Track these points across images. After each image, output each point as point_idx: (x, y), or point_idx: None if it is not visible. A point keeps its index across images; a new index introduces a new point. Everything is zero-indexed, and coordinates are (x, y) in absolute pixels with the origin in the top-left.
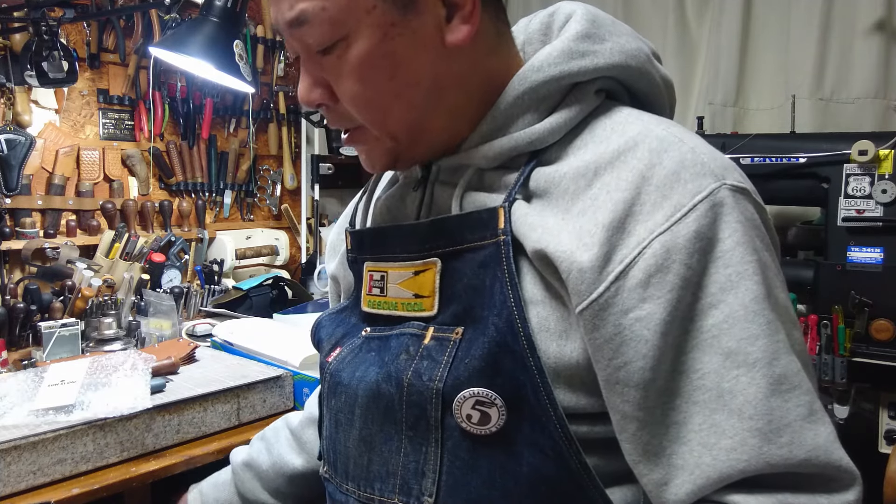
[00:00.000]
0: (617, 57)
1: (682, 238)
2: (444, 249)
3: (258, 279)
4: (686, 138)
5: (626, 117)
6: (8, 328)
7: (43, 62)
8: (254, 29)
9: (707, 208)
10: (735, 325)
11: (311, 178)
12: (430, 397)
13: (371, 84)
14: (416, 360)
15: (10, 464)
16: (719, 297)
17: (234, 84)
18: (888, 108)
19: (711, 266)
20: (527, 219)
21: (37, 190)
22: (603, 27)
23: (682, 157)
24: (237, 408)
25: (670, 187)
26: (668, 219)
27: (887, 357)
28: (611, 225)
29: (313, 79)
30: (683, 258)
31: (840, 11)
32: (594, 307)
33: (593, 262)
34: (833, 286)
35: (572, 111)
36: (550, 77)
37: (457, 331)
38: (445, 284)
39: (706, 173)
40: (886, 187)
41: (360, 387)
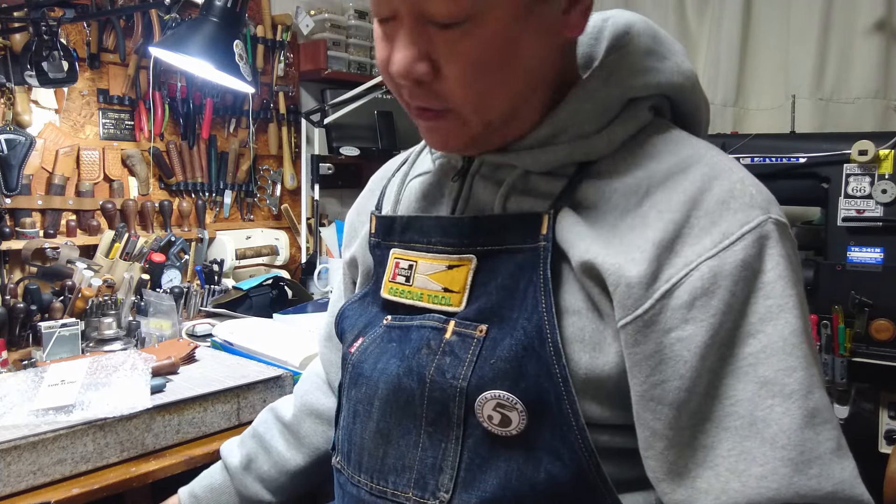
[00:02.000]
0: (675, 77)
1: (728, 265)
2: (482, 248)
3: (258, 279)
4: (734, 168)
5: (678, 137)
6: (8, 328)
7: (43, 62)
8: (254, 29)
9: (754, 239)
10: (773, 355)
11: (311, 178)
12: (453, 395)
13: (488, 67)
14: (438, 355)
15: (10, 464)
16: (759, 327)
17: (234, 84)
18: (888, 108)
19: (753, 296)
20: (574, 227)
21: (37, 190)
22: (664, 45)
23: (732, 186)
24: (237, 408)
25: (720, 214)
26: (715, 245)
27: (887, 357)
28: (660, 243)
29: (419, 52)
30: (729, 285)
31: (840, 11)
32: (638, 323)
33: (641, 277)
34: (833, 286)
35: (628, 126)
36: (614, 89)
37: (480, 328)
38: (477, 283)
39: (754, 205)
40: (886, 187)
41: (380, 379)
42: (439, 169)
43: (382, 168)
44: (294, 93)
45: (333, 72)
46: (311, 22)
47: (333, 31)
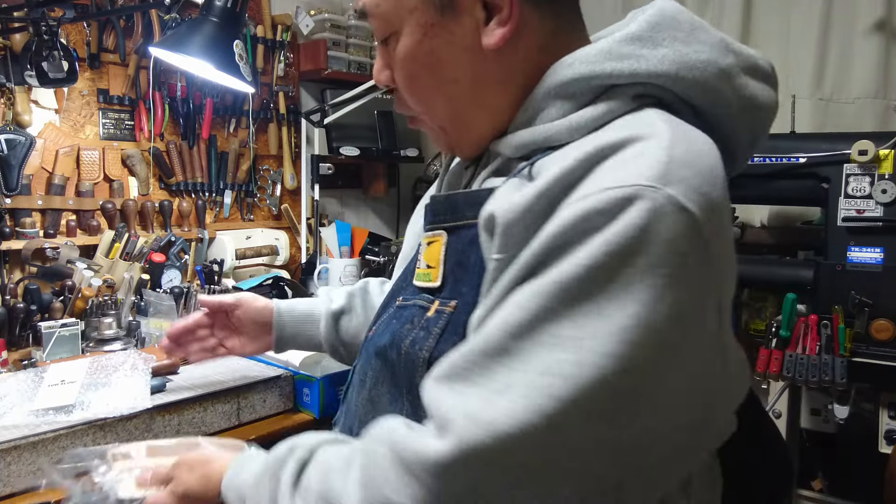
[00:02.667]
0: (666, 66)
1: (569, 211)
2: (448, 224)
3: (258, 279)
4: (680, 143)
5: (647, 112)
6: (8, 328)
7: (43, 62)
8: (254, 29)
9: (614, 197)
10: (527, 291)
11: (311, 178)
12: (418, 365)
13: (415, 77)
14: (416, 329)
15: (10, 464)
16: (548, 271)
17: (234, 84)
18: (888, 108)
19: (575, 246)
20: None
21: (37, 190)
22: (666, 31)
23: (648, 149)
24: (237, 408)
25: (612, 170)
26: (582, 196)
27: (887, 357)
28: (544, 190)
29: (383, 62)
30: (554, 228)
31: (840, 11)
32: (496, 262)
33: (516, 223)
34: (833, 286)
35: (597, 111)
36: (580, 75)
37: (451, 304)
38: (448, 258)
39: (651, 170)
40: (886, 187)
41: (373, 351)
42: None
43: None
44: (294, 93)
45: (333, 72)
46: (311, 22)
47: (333, 31)
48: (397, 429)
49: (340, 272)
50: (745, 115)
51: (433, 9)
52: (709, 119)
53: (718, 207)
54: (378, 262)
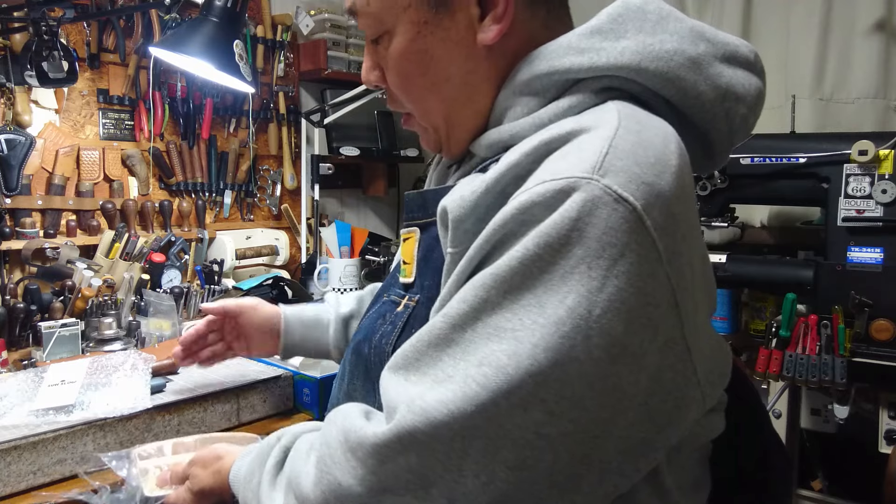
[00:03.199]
0: (627, 57)
1: (510, 205)
2: (420, 221)
3: (258, 279)
4: (626, 133)
5: (607, 107)
6: (8, 328)
7: (43, 62)
8: (254, 29)
9: (549, 189)
10: (468, 285)
11: (311, 178)
12: (384, 358)
13: (408, 76)
14: (385, 324)
15: (10, 464)
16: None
17: (234, 84)
18: (888, 108)
19: (511, 240)
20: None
21: (37, 190)
22: (630, 22)
23: (589, 140)
24: (237, 408)
25: (555, 161)
26: (525, 189)
27: (887, 357)
28: (491, 183)
29: (372, 62)
30: (495, 222)
31: (840, 11)
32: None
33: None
34: (833, 286)
35: (560, 106)
36: (541, 71)
37: (415, 299)
38: (420, 254)
39: (587, 162)
40: (886, 187)
41: (351, 346)
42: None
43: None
44: (294, 93)
45: (333, 72)
46: (311, 22)
47: (333, 31)
48: (349, 414)
49: (340, 272)
50: (721, 104)
51: (427, 6)
52: (681, 110)
53: (667, 198)
54: (378, 262)
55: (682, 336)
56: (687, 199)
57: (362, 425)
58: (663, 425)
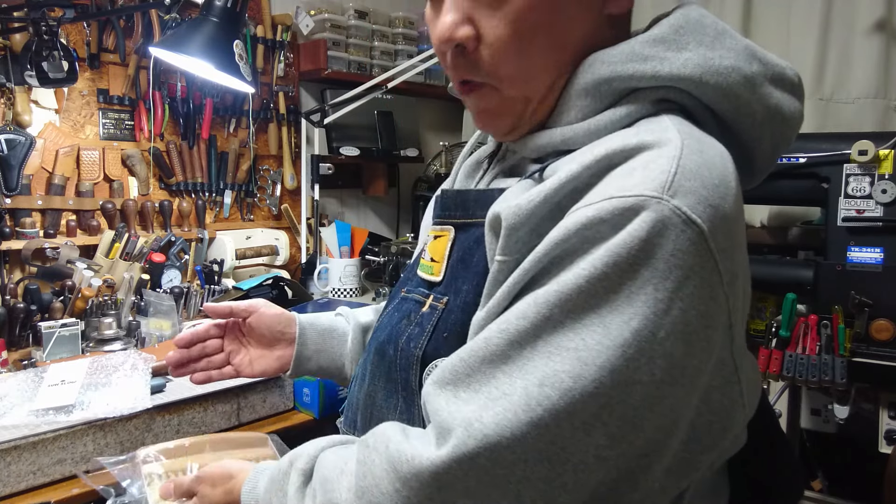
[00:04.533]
0: (690, 69)
1: (572, 219)
2: (457, 220)
3: (258, 279)
4: (690, 153)
5: (663, 119)
6: (8, 328)
7: (43, 62)
8: (254, 29)
9: (618, 206)
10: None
11: (311, 178)
12: (413, 363)
13: (525, 33)
14: (411, 326)
15: (10, 464)
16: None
17: (234, 84)
18: (888, 108)
19: (578, 255)
20: (509, 192)
21: (37, 190)
22: (691, 35)
23: (655, 158)
24: (237, 408)
25: (618, 178)
26: (587, 203)
27: (887, 357)
28: (549, 193)
29: (462, 14)
30: (557, 235)
31: (840, 11)
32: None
33: (520, 227)
34: (833, 286)
35: (616, 114)
36: (601, 77)
37: (443, 300)
38: (453, 253)
39: (657, 181)
40: (886, 187)
41: (373, 346)
42: (482, 152)
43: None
44: (294, 93)
45: (333, 72)
46: (311, 22)
47: (333, 31)
48: (393, 437)
49: (340, 272)
50: (769, 125)
51: None
52: (731, 127)
53: (729, 221)
54: (378, 262)
55: (732, 357)
56: (742, 220)
57: (412, 452)
58: (709, 446)
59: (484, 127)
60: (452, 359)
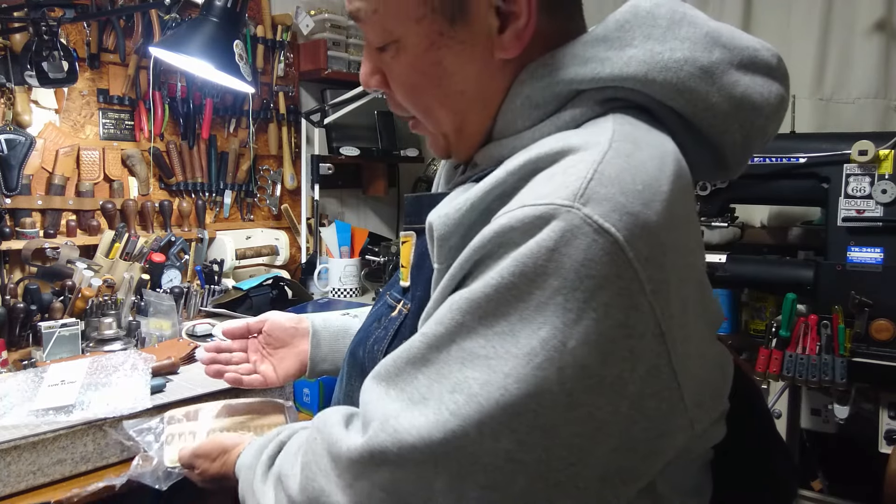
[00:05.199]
0: (633, 68)
1: (489, 227)
2: (416, 226)
3: (258, 279)
4: (614, 157)
5: (605, 120)
6: (8, 328)
7: (43, 62)
8: (254, 29)
9: (528, 214)
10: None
11: (311, 178)
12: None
13: (418, 88)
14: (379, 329)
15: (10, 464)
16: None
17: (234, 84)
18: (888, 108)
19: (488, 263)
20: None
21: (37, 190)
22: (637, 29)
23: (574, 164)
24: None
25: (540, 183)
26: (506, 211)
27: (887, 357)
28: (475, 201)
29: (372, 67)
30: (475, 243)
31: (840, 11)
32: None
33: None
34: (833, 286)
35: (562, 119)
36: (544, 83)
37: (407, 306)
38: (413, 260)
39: (569, 189)
40: (886, 187)
41: (350, 348)
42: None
43: None
44: (294, 93)
45: (333, 72)
46: (311, 22)
47: (333, 31)
48: (329, 420)
49: (340, 272)
50: (736, 115)
51: (443, 18)
52: (691, 122)
53: (653, 227)
54: (378, 262)
55: (669, 363)
56: (680, 225)
57: (340, 436)
58: (646, 454)
59: (433, 152)
60: (389, 357)
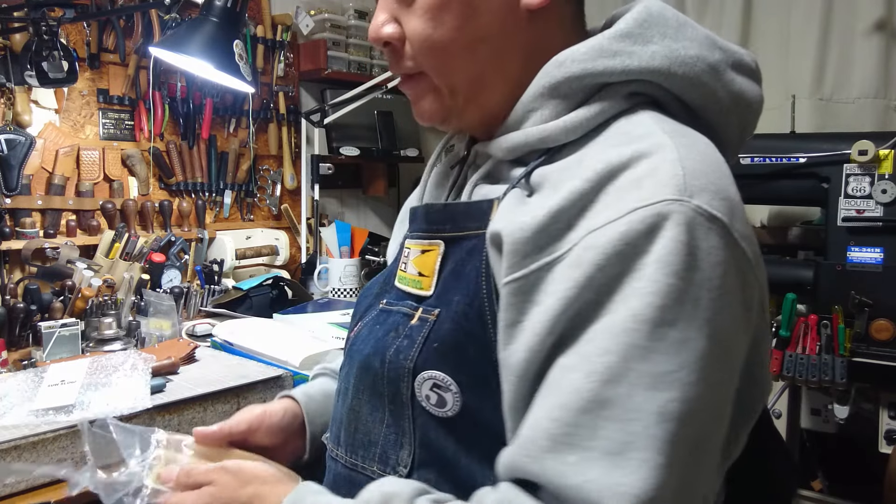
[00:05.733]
0: (658, 62)
1: (604, 238)
2: (447, 234)
3: (258, 279)
4: (687, 152)
5: (643, 119)
6: (8, 328)
7: (43, 62)
8: (254, 29)
9: (646, 216)
10: (602, 333)
11: (311, 178)
12: (402, 375)
13: (441, 27)
14: (399, 338)
15: (10, 464)
16: (614, 307)
17: (234, 84)
18: (888, 108)
19: (627, 276)
20: (506, 204)
21: (37, 190)
22: (655, 28)
23: (658, 165)
24: (237, 408)
25: (627, 191)
26: (606, 221)
27: (887, 357)
28: (556, 213)
29: (388, 14)
30: (595, 258)
31: (840, 11)
32: (512, 286)
33: (525, 243)
34: (833, 286)
35: (591, 111)
36: (571, 74)
37: (434, 313)
38: (444, 267)
39: (670, 185)
40: (886, 187)
41: (357, 359)
42: (450, 159)
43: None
44: (294, 93)
45: (333, 72)
46: (311, 22)
47: (333, 31)
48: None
49: (340, 272)
50: (735, 110)
51: None
52: (700, 115)
53: (738, 206)
54: (378, 262)
55: (769, 329)
56: (742, 203)
57: None
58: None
59: (421, 118)
60: (539, 421)
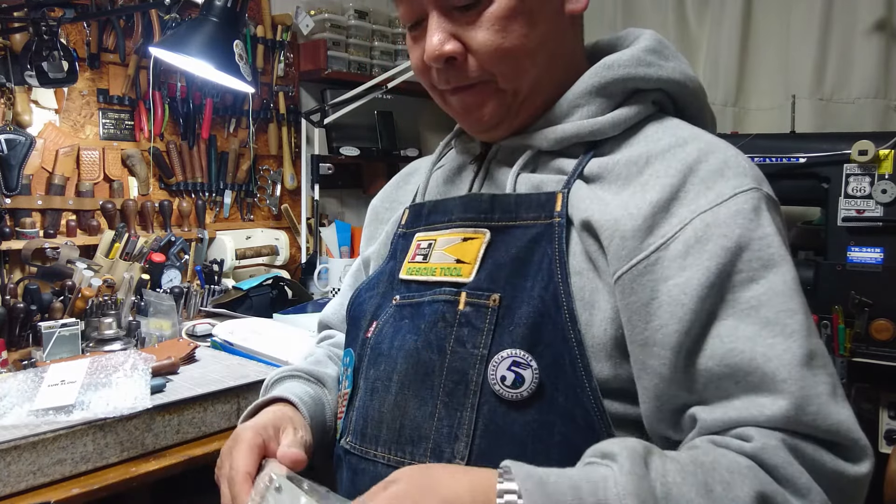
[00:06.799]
0: (677, 75)
1: (723, 215)
2: (497, 223)
3: (258, 279)
4: (730, 147)
5: (679, 123)
6: (8, 328)
7: (43, 62)
8: (254, 29)
9: (748, 198)
10: (775, 297)
11: (311, 178)
12: (473, 363)
13: (510, 36)
14: (455, 326)
15: (10, 464)
16: (760, 273)
17: (234, 84)
18: (888, 108)
19: (753, 243)
20: (580, 194)
21: (37, 190)
22: (667, 50)
23: (727, 158)
24: (237, 408)
25: (714, 181)
26: (710, 203)
27: (887, 357)
28: (657, 204)
29: (445, 33)
30: (724, 230)
31: (840, 11)
32: (633, 272)
33: (636, 231)
34: (833, 286)
35: (632, 111)
36: (618, 77)
37: (493, 297)
38: (488, 255)
39: (747, 175)
40: (886, 187)
41: (399, 355)
42: (460, 158)
43: (412, 164)
44: (294, 93)
45: (333, 72)
46: (311, 22)
47: (333, 31)
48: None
49: (340, 272)
50: (713, 123)
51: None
52: (694, 122)
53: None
54: None
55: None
56: None
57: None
58: None
59: (479, 122)
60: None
